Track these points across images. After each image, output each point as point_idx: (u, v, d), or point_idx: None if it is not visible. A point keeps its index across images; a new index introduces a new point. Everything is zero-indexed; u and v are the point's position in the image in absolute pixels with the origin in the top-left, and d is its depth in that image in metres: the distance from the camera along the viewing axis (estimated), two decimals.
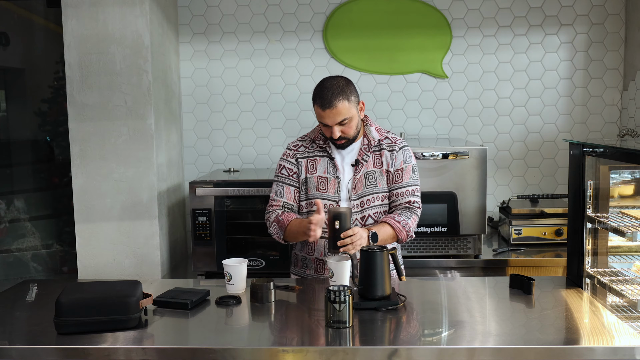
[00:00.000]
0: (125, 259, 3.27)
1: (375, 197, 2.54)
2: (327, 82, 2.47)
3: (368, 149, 2.55)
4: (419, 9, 3.79)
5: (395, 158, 2.55)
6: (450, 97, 3.87)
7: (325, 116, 2.43)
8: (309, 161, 2.57)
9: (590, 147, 2.29)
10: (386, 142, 2.58)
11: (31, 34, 4.28)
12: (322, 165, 2.55)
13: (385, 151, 2.56)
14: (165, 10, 3.51)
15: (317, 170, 2.55)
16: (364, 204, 2.52)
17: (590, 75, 3.83)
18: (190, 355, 1.86)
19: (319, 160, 2.56)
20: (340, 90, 2.43)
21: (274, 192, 2.60)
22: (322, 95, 2.43)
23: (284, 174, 2.59)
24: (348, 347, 1.87)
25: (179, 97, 3.84)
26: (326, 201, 2.51)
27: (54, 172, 4.26)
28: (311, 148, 2.59)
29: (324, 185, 2.53)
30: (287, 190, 2.58)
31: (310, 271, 2.59)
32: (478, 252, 3.23)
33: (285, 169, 2.59)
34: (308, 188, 2.55)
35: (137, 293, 2.05)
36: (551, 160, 3.90)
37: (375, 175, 2.54)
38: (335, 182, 2.52)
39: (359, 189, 2.52)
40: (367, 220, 2.53)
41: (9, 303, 2.34)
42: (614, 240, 2.47)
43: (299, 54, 3.85)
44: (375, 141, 2.57)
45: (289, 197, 2.57)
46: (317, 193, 2.53)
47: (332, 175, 2.53)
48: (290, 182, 2.58)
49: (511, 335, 1.95)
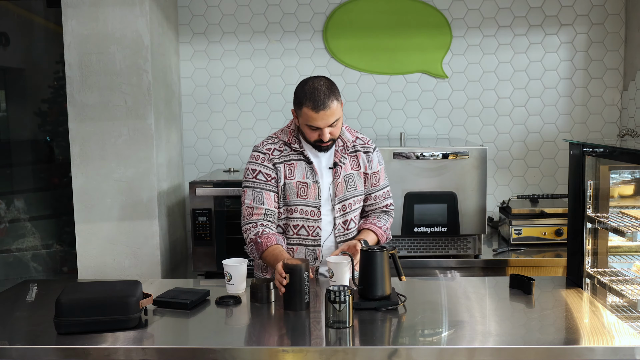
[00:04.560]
0: (125, 259, 3.27)
1: (356, 200, 2.50)
2: (315, 83, 2.34)
3: (344, 151, 2.49)
4: (419, 9, 3.79)
5: (371, 160, 2.53)
6: (450, 97, 3.87)
7: (319, 118, 2.31)
8: (287, 166, 2.44)
9: (590, 147, 2.29)
10: (359, 142, 2.54)
11: (31, 34, 4.28)
12: (300, 170, 2.44)
13: (361, 153, 2.52)
14: (165, 10, 3.51)
15: (296, 176, 2.43)
16: (345, 208, 2.47)
17: (590, 75, 3.83)
18: (190, 355, 1.86)
19: (296, 164, 2.44)
20: (331, 91, 2.33)
21: (252, 198, 2.42)
22: (314, 97, 2.30)
23: (261, 179, 2.43)
24: (348, 347, 1.87)
25: (179, 97, 3.84)
26: (307, 207, 2.43)
27: (54, 172, 4.27)
28: (285, 152, 2.46)
29: (304, 191, 2.42)
30: (267, 197, 2.42)
31: None
32: (478, 252, 3.23)
33: (263, 175, 2.43)
34: (287, 194, 2.43)
35: (137, 293, 2.05)
36: (551, 160, 3.90)
37: (354, 178, 2.49)
38: (316, 187, 2.43)
39: (339, 193, 2.45)
40: (349, 224, 2.49)
41: (9, 303, 2.34)
42: (614, 240, 2.47)
43: (299, 54, 3.85)
44: (350, 142, 2.50)
45: (270, 203, 2.42)
46: (297, 200, 2.43)
47: (311, 180, 2.43)
48: (269, 187, 2.43)
49: (511, 335, 1.95)
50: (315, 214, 2.44)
